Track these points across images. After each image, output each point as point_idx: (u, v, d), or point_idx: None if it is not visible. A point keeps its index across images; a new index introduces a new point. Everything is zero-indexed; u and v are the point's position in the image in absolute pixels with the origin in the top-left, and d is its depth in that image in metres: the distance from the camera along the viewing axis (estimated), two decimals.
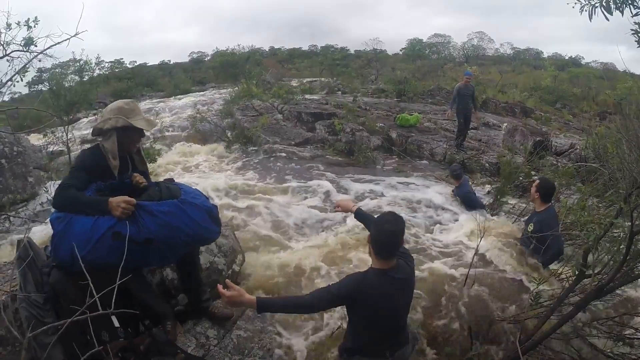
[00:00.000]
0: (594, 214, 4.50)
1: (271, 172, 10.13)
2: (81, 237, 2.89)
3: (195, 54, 59.26)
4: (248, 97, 16.54)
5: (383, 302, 2.89)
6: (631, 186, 2.88)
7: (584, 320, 3.78)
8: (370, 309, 2.89)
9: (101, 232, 2.90)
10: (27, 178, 8.37)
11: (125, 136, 3.32)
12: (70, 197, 3.04)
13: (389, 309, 2.94)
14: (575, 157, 11.88)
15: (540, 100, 22.27)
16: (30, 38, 3.93)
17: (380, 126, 13.14)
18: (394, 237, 2.86)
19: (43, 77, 26.51)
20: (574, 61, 51.71)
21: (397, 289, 2.94)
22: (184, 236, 3.15)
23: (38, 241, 3.94)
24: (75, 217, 2.97)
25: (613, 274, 3.04)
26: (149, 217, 3.02)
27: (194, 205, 3.25)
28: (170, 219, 3.06)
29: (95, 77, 24.59)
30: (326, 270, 5.12)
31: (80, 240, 2.86)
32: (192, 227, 3.17)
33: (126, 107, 3.32)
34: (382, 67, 35.27)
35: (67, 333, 2.42)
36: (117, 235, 2.89)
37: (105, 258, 2.88)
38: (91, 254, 2.87)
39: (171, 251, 3.20)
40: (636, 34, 2.49)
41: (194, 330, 3.69)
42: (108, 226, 2.91)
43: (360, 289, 2.87)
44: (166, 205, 3.13)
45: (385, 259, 2.90)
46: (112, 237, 2.90)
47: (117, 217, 2.93)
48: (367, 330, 2.98)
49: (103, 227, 2.91)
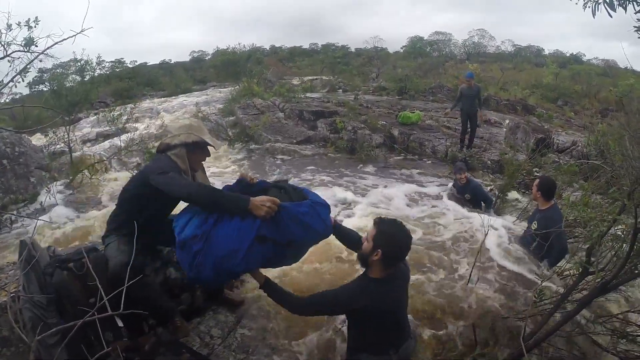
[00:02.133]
0: (597, 211, 4.49)
1: (272, 170, 10.14)
2: (228, 248, 2.81)
3: (196, 53, 59.40)
4: (249, 96, 16.59)
5: (387, 306, 2.87)
6: (634, 182, 2.86)
7: (588, 317, 3.77)
8: (374, 316, 2.85)
9: (250, 239, 2.81)
10: (29, 178, 8.40)
11: (194, 153, 3.39)
12: (211, 191, 2.96)
13: (392, 309, 2.93)
14: (577, 155, 11.87)
15: (542, 97, 22.22)
16: (31, 38, 3.91)
17: (382, 124, 13.13)
18: (408, 249, 2.82)
19: (44, 78, 26.57)
20: (576, 58, 51.66)
21: (399, 288, 2.97)
22: (317, 237, 3.12)
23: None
24: (212, 231, 2.85)
25: (617, 270, 3.03)
26: (289, 218, 2.90)
27: (323, 206, 3.18)
28: (309, 220, 2.96)
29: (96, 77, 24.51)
30: (325, 268, 5.13)
31: (229, 253, 2.80)
32: (323, 227, 3.10)
33: (195, 125, 3.44)
34: (383, 65, 35.20)
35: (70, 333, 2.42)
36: (262, 239, 2.82)
37: (256, 264, 2.89)
38: (244, 263, 2.84)
39: (302, 252, 3.22)
40: (639, 30, 2.47)
41: (197, 329, 3.69)
42: (255, 232, 2.81)
43: (359, 301, 2.82)
44: (304, 206, 3.02)
45: (393, 267, 2.86)
46: (257, 241, 2.81)
47: (261, 217, 2.79)
48: (371, 330, 2.95)
49: (250, 234, 2.81)
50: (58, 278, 3.03)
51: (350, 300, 2.84)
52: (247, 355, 3.56)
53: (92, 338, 2.95)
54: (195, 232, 2.88)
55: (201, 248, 2.84)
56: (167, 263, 3.96)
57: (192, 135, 3.36)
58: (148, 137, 13.23)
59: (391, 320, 2.95)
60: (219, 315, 3.93)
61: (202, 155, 3.51)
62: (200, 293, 4.09)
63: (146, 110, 19.21)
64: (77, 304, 2.89)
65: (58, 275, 3.04)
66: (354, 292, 2.86)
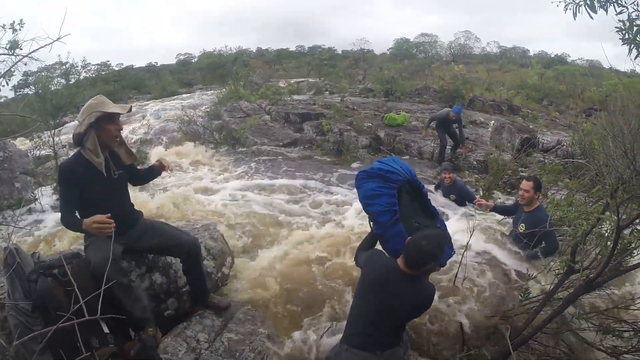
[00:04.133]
0: (582, 210, 4.53)
1: (259, 172, 10.13)
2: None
3: (182, 56, 58.87)
4: (235, 99, 16.53)
5: (370, 285, 3.20)
6: (617, 182, 2.91)
7: (574, 314, 3.81)
8: (365, 292, 3.23)
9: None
10: (13, 184, 8.28)
11: (102, 130, 3.28)
12: (69, 225, 3.25)
13: (370, 293, 3.19)
14: (562, 154, 11.96)
15: (527, 97, 22.39)
16: (15, 41, 3.88)
17: (368, 126, 13.16)
18: (426, 258, 3.06)
19: (29, 81, 26.24)
20: (560, 59, 52.04)
21: (404, 291, 3.09)
22: None
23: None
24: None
25: (601, 268, 3.07)
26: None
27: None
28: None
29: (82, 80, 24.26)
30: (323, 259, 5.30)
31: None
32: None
33: (95, 102, 3.26)
34: (369, 66, 35.22)
35: (56, 340, 2.40)
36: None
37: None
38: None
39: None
40: (620, 31, 2.51)
41: (184, 334, 3.67)
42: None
43: (366, 264, 3.35)
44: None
45: (409, 268, 3.09)
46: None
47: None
48: (356, 318, 3.22)
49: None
50: (42, 284, 2.99)
51: (373, 257, 3.39)
52: (234, 359, 3.55)
53: (78, 344, 2.92)
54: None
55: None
56: (152, 268, 3.94)
57: (94, 113, 3.21)
58: (134, 141, 13.18)
59: (357, 305, 3.28)
60: (205, 319, 3.92)
61: (112, 127, 3.35)
62: (187, 298, 4.07)
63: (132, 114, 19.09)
64: (61, 310, 2.86)
65: (42, 281, 3.00)
66: (377, 256, 3.39)
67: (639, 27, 2.44)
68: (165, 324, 3.83)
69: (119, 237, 3.35)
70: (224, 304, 4.10)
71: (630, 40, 2.49)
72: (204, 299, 4.01)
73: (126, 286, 3.28)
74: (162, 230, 3.70)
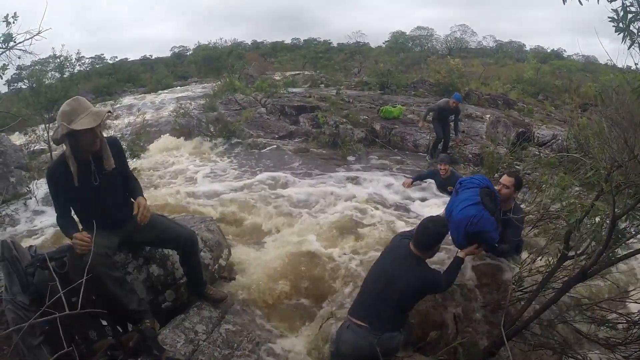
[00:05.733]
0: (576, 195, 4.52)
1: (254, 165, 10.14)
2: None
3: (177, 49, 58.49)
4: (231, 91, 16.49)
5: (376, 266, 3.73)
6: (611, 165, 2.90)
7: (568, 305, 3.83)
8: (378, 261, 3.80)
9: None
10: (8, 178, 8.25)
11: (75, 141, 3.12)
12: (60, 228, 3.32)
13: (374, 274, 3.66)
14: (557, 148, 12.02)
15: (523, 92, 22.40)
16: (9, 34, 3.87)
17: (363, 118, 13.15)
18: (431, 239, 3.56)
19: (23, 75, 26.02)
20: (556, 54, 51.96)
21: (408, 264, 3.51)
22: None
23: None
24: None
25: (596, 257, 3.06)
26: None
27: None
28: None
29: (76, 74, 24.06)
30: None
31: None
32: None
33: (67, 110, 3.07)
34: (365, 59, 35.20)
35: (54, 333, 2.40)
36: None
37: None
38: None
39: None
40: (614, 20, 2.51)
41: (182, 325, 3.69)
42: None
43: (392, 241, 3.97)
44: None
45: (417, 248, 3.55)
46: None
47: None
48: (364, 290, 3.66)
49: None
50: (39, 278, 2.99)
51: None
52: (232, 350, 3.57)
53: (76, 337, 2.93)
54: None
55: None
56: (150, 260, 3.94)
57: (63, 127, 3.02)
58: (129, 133, 13.16)
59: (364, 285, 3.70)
60: (203, 311, 3.94)
61: (87, 136, 3.12)
62: (184, 289, 4.08)
63: (126, 107, 19.07)
64: (59, 304, 2.86)
65: (39, 275, 3.01)
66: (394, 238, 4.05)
67: (633, 16, 2.44)
68: (163, 315, 3.84)
69: (115, 231, 3.36)
70: (220, 295, 4.13)
71: (624, 29, 2.49)
72: (200, 290, 4.03)
73: (120, 280, 3.28)
74: (159, 223, 3.66)
